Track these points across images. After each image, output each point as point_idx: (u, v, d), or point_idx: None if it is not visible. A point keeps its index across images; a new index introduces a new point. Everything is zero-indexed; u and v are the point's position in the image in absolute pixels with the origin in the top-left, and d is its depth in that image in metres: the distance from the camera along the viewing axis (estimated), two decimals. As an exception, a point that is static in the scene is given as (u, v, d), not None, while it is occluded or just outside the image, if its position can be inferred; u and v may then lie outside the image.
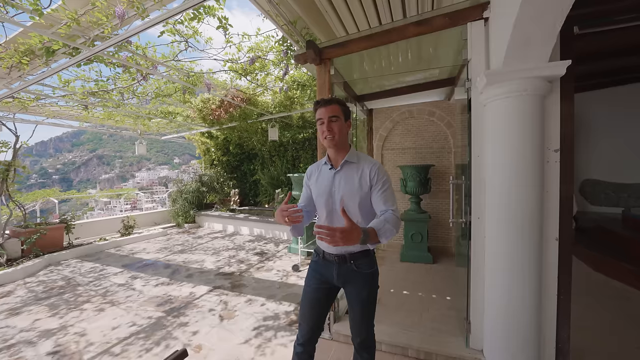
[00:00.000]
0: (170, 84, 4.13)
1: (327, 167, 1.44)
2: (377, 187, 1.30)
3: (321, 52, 2.28)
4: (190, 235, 6.35)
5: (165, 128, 7.17)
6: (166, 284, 3.52)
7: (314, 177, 1.48)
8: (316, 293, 1.44)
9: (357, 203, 1.33)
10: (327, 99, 1.35)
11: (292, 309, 2.82)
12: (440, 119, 4.19)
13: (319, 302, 1.44)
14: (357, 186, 1.33)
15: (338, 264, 1.39)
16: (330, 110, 1.31)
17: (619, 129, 4.49)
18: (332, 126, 1.31)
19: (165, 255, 4.82)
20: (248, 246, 5.34)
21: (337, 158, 1.41)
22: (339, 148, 1.37)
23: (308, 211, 1.49)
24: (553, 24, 1.39)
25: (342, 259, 1.38)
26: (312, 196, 1.48)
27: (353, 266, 1.37)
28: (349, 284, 1.40)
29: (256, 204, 8.38)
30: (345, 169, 1.38)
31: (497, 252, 1.76)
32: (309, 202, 1.49)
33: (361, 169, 1.35)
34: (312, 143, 7.42)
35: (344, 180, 1.36)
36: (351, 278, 1.39)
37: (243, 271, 3.95)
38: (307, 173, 1.52)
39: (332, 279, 1.41)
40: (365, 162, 1.37)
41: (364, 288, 1.38)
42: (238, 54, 3.42)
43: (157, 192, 20.09)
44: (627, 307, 2.59)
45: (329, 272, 1.42)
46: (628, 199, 4.49)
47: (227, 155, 8.88)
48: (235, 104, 5.09)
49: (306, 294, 1.46)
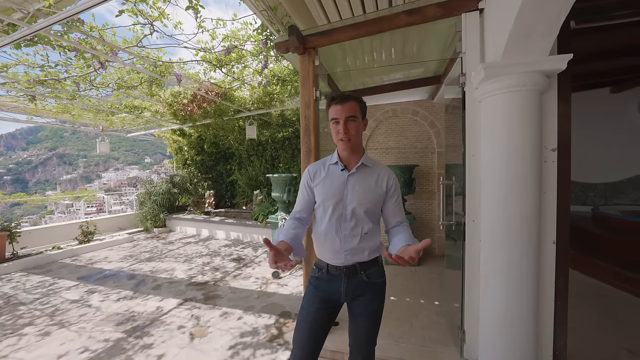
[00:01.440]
0: (134, 74, 3.70)
1: (337, 167, 1.26)
2: (394, 197, 1.24)
3: (305, 40, 2.07)
4: (159, 241, 5.86)
5: (132, 124, 6.58)
6: (129, 298, 3.12)
7: (319, 177, 1.28)
8: (318, 315, 1.24)
9: (367, 209, 1.20)
10: (344, 95, 1.18)
11: (273, 322, 2.59)
12: (424, 118, 4.14)
13: (321, 325, 1.24)
14: (372, 192, 1.21)
15: (347, 277, 1.22)
16: (348, 109, 1.16)
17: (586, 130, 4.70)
18: (349, 127, 1.17)
19: (130, 264, 4.35)
20: (224, 252, 4.99)
21: (350, 159, 1.25)
22: (355, 150, 1.24)
23: (300, 218, 1.29)
24: (558, 14, 1.30)
25: (351, 270, 1.22)
26: (312, 200, 1.29)
27: (364, 277, 1.23)
28: (358, 298, 1.24)
29: (233, 205, 7.98)
30: (361, 172, 1.24)
31: (494, 257, 1.65)
32: (307, 207, 1.30)
33: (377, 175, 1.24)
34: (292, 142, 7.18)
35: (359, 184, 1.22)
36: (361, 290, 1.23)
37: (218, 280, 3.64)
38: (309, 173, 1.31)
39: (339, 295, 1.24)
40: (381, 169, 1.27)
41: (374, 300, 1.23)
42: (212, 42, 3.11)
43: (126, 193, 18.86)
44: (605, 305, 2.64)
45: (335, 288, 1.24)
46: (594, 198, 4.72)
47: (201, 154, 8.38)
48: (210, 99, 4.73)
49: (306, 316, 1.25)
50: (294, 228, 1.23)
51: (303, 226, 1.28)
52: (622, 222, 3.52)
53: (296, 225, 1.25)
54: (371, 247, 1.23)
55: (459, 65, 2.43)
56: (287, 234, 1.18)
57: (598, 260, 3.26)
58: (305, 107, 2.15)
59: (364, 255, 1.22)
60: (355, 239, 1.20)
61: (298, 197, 1.34)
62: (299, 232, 1.23)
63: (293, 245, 1.14)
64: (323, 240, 1.25)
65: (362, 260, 1.22)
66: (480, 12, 1.75)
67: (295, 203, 1.34)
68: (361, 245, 1.21)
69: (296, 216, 1.30)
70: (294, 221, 1.27)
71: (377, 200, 1.22)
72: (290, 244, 1.13)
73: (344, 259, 1.21)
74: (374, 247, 1.24)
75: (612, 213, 3.80)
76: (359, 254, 1.21)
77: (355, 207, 1.19)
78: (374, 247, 1.24)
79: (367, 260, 1.23)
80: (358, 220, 1.20)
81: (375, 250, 1.25)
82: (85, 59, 2.99)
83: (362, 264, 1.23)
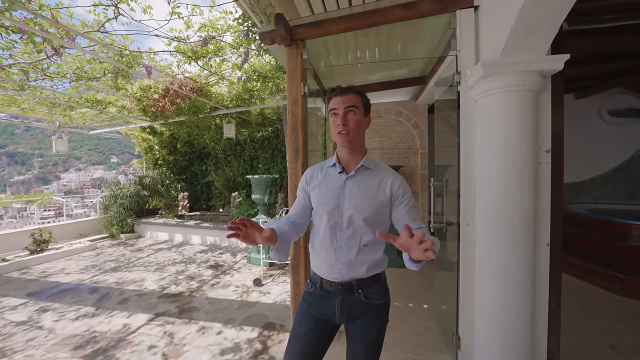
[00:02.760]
0: (96, 64, 3.30)
1: (335, 169, 1.13)
2: (404, 202, 1.09)
3: (292, 31, 1.92)
4: (127, 248, 5.38)
5: (95, 121, 5.99)
6: (90, 316, 2.77)
7: (315, 180, 1.15)
8: (311, 337, 1.10)
9: (366, 216, 1.06)
10: (345, 86, 1.08)
11: (256, 335, 2.40)
12: (407, 119, 4.14)
13: (315, 348, 1.10)
14: (373, 198, 1.07)
15: (342, 296, 1.09)
16: (348, 100, 1.05)
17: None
18: (347, 118, 1.04)
19: (93, 275, 3.91)
20: (200, 258, 4.67)
21: (349, 161, 1.12)
22: (354, 148, 1.10)
23: (295, 223, 1.15)
24: (560, 11, 1.26)
25: (347, 288, 1.08)
26: (308, 205, 1.16)
27: (362, 296, 1.09)
28: (355, 321, 1.10)
29: (209, 208, 7.58)
30: (361, 175, 1.11)
31: (490, 261, 1.61)
32: (302, 212, 1.16)
33: (379, 178, 1.11)
34: (272, 142, 6.96)
35: (357, 189, 1.08)
36: (359, 312, 1.09)
37: (194, 290, 3.36)
38: (307, 176, 1.19)
39: (334, 315, 1.09)
40: (385, 172, 1.13)
41: (373, 325, 1.09)
42: (187, 31, 2.84)
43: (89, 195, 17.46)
44: (580, 301, 2.75)
45: (328, 307, 1.10)
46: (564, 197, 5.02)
47: (174, 154, 7.89)
48: (184, 94, 4.40)
49: (297, 337, 1.11)
50: (289, 226, 1.12)
51: (296, 231, 1.15)
52: (589, 220, 3.73)
53: (290, 226, 1.13)
54: (371, 262, 1.09)
55: (447, 64, 2.41)
56: (280, 226, 1.08)
57: (571, 257, 3.43)
58: (293, 104, 2.00)
59: (361, 271, 1.08)
60: (352, 250, 1.07)
61: (295, 202, 1.20)
62: (291, 233, 1.11)
63: (280, 240, 1.04)
64: (318, 251, 1.12)
65: (360, 277, 1.09)
66: (475, 9, 1.70)
67: (291, 207, 1.20)
68: (359, 259, 1.08)
69: (291, 219, 1.15)
70: (289, 222, 1.14)
71: (379, 207, 1.08)
72: (278, 237, 1.03)
73: (339, 273, 1.08)
74: (375, 261, 1.10)
75: (580, 211, 4.03)
76: (356, 268, 1.08)
77: (352, 215, 1.06)
78: (374, 261, 1.10)
79: (366, 277, 1.09)
80: (356, 230, 1.07)
81: (376, 265, 1.11)
82: (35, 43, 2.60)
83: (360, 281, 1.09)
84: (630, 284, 2.81)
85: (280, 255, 1.06)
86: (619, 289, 2.85)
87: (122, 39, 2.88)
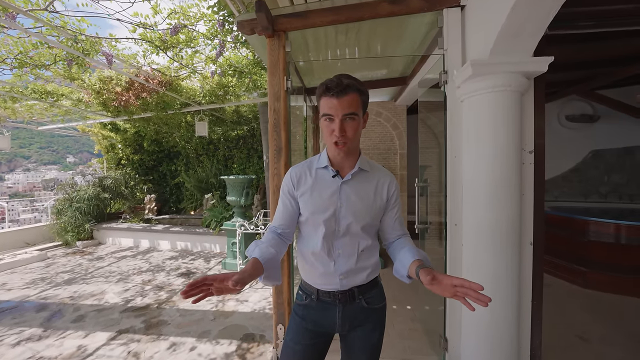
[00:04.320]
0: (45, 49, 2.90)
1: (327, 172, 1.00)
2: (395, 208, 1.04)
3: (275, 21, 1.78)
4: (84, 257, 4.85)
5: (44, 115, 5.34)
6: (36, 339, 2.40)
7: (305, 184, 1.01)
8: (307, 353, 1.00)
9: (365, 224, 0.97)
10: (343, 84, 0.86)
11: (234, 349, 2.22)
12: (387, 119, 4.16)
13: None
14: (371, 204, 0.99)
15: (342, 304, 1.00)
16: (347, 105, 0.87)
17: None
18: (346, 127, 0.89)
19: (41, 290, 3.45)
20: (169, 265, 4.33)
21: (343, 163, 1.00)
22: (350, 152, 0.98)
23: (282, 235, 1.02)
24: (548, 12, 1.27)
25: (348, 296, 1.00)
26: (296, 212, 1.03)
27: (363, 302, 1.01)
28: (356, 328, 1.01)
29: (179, 211, 7.12)
30: (358, 179, 1.00)
31: (478, 260, 1.60)
32: (290, 221, 1.03)
33: (376, 181, 1.02)
34: (247, 141, 6.70)
35: (354, 195, 0.98)
36: (360, 320, 1.01)
37: (163, 301, 3.07)
38: (292, 178, 1.03)
39: (334, 326, 1.00)
40: (380, 173, 1.05)
41: (374, 330, 1.02)
42: (154, 17, 2.58)
43: (40, 199, 15.76)
44: (549, 294, 2.90)
45: (329, 317, 1.00)
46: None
47: (140, 153, 7.30)
48: (151, 88, 4.04)
49: (293, 356, 1.00)
50: (274, 246, 0.95)
51: (284, 244, 1.01)
52: (553, 217, 3.99)
53: (277, 243, 0.98)
54: (371, 267, 1.02)
55: (431, 65, 2.42)
56: (264, 252, 0.89)
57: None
58: (275, 99, 1.87)
59: (362, 277, 1.00)
60: (352, 258, 0.99)
61: (278, 207, 1.06)
62: (279, 252, 0.95)
63: (268, 267, 0.87)
64: (312, 262, 1.02)
65: (361, 283, 1.01)
66: (461, 8, 1.69)
67: (275, 215, 1.06)
68: (359, 265, 1.00)
69: (277, 231, 1.02)
70: (274, 237, 1.00)
71: (377, 212, 1.01)
72: (264, 266, 0.85)
73: (339, 283, 0.99)
74: (373, 265, 1.04)
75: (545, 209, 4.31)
76: (357, 275, 1.00)
77: (351, 223, 0.97)
78: (373, 265, 1.03)
79: (367, 282, 1.02)
80: (353, 237, 0.99)
81: (374, 269, 1.04)
82: (-36, 21, 2.20)
83: (361, 287, 1.01)
84: (591, 277, 3.02)
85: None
86: (581, 281, 3.06)
87: (77, 22, 2.54)
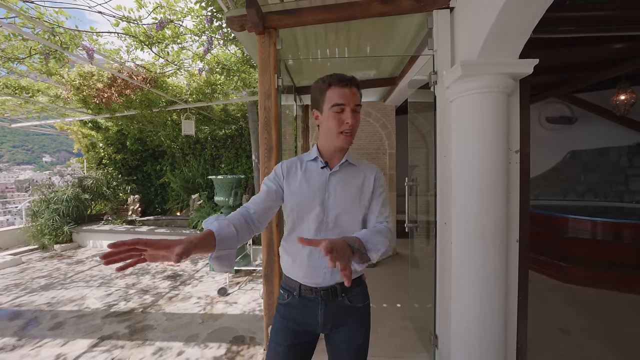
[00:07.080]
0: (19, 41, 2.74)
1: (317, 164, 1.01)
2: (381, 197, 1.03)
3: (265, 17, 1.76)
4: (63, 261, 4.63)
5: (18, 112, 5.06)
6: (10, 349, 2.27)
7: (294, 175, 1.01)
8: (290, 354, 0.97)
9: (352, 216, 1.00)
10: (349, 77, 0.95)
11: (224, 352, 2.17)
12: (376, 119, 4.19)
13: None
14: (359, 196, 1.00)
15: (325, 302, 0.98)
16: (357, 96, 0.96)
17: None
18: (355, 118, 0.95)
19: (15, 297, 3.26)
20: (155, 268, 4.20)
21: (333, 156, 1.02)
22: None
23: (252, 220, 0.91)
24: (534, 15, 1.31)
25: (331, 292, 0.98)
26: (275, 199, 0.99)
27: (346, 300, 0.99)
28: (339, 328, 1.00)
29: (165, 212, 6.93)
30: (345, 171, 1.02)
31: (467, 259, 1.63)
32: (265, 208, 0.96)
33: (363, 176, 1.03)
34: (235, 141, 6.59)
35: (341, 185, 0.99)
36: (343, 319, 1.00)
37: (148, 305, 2.97)
38: (283, 168, 1.04)
39: (316, 325, 0.98)
40: (367, 167, 1.07)
41: (359, 330, 1.00)
42: (139, 11, 2.49)
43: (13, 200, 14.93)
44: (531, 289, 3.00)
45: (310, 316, 0.99)
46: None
47: (122, 152, 7.05)
48: (135, 85, 3.90)
49: (274, 357, 0.97)
50: (238, 227, 0.83)
51: (249, 231, 0.88)
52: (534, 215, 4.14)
53: (241, 224, 0.85)
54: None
55: (420, 66, 2.45)
56: (223, 228, 0.79)
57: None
58: (265, 98, 1.84)
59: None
60: None
61: (259, 193, 1.00)
62: (239, 237, 0.83)
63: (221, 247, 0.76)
64: (296, 254, 1.00)
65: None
66: (450, 10, 1.72)
67: (251, 198, 0.99)
68: None
69: (249, 211, 0.92)
70: (241, 218, 0.88)
71: (363, 205, 1.02)
72: (217, 243, 0.75)
73: (322, 277, 0.97)
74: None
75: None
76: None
77: (339, 214, 0.98)
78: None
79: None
80: (343, 230, 0.98)
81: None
82: None
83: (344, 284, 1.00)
84: (570, 271, 3.15)
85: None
86: (561, 276, 3.19)
87: (56, 13, 2.41)
